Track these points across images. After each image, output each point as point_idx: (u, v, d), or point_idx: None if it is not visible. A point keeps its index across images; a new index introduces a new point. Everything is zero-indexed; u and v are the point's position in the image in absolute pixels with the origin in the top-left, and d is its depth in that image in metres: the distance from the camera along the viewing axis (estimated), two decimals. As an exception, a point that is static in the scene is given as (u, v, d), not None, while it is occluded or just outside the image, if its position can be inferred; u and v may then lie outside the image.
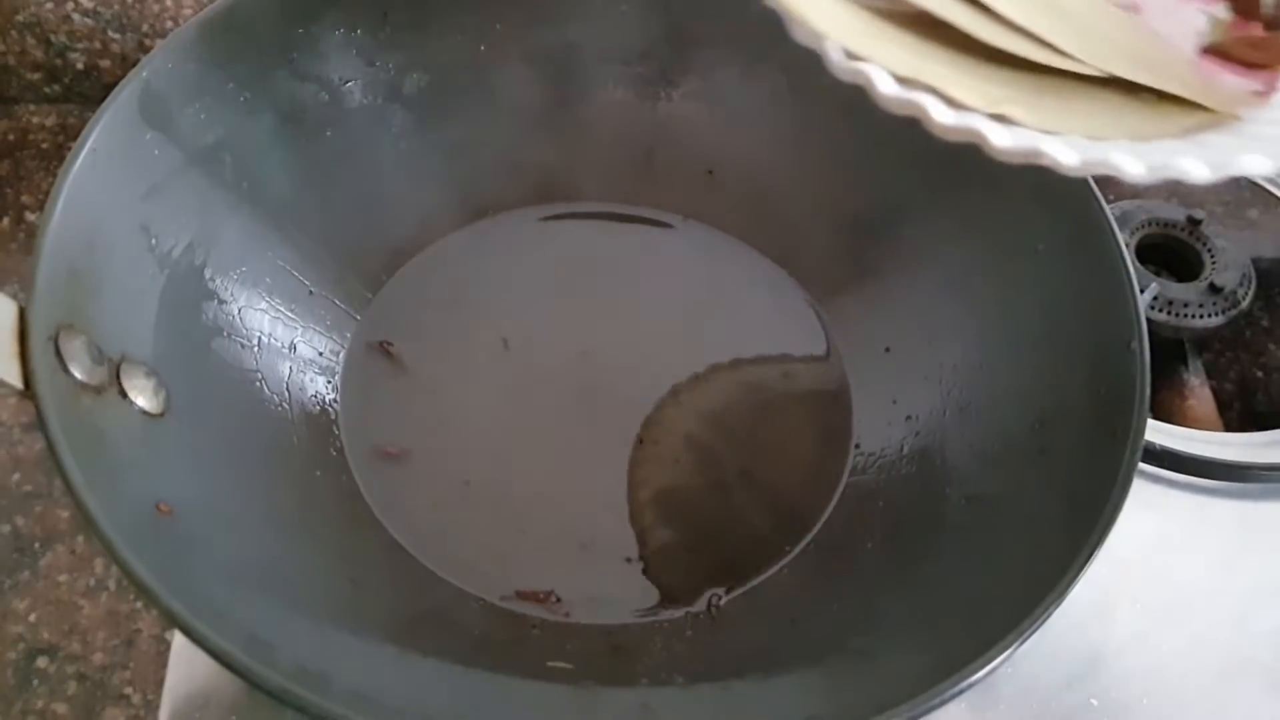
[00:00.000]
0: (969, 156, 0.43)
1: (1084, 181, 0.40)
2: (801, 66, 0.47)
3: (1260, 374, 0.57)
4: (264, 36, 0.43)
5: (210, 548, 0.34)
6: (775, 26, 0.47)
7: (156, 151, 0.39)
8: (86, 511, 0.30)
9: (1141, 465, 0.47)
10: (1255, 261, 0.57)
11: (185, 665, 0.41)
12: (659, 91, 0.50)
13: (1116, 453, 0.34)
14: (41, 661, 0.44)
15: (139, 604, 0.45)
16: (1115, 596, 0.45)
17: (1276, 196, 0.61)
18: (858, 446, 0.45)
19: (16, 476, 0.49)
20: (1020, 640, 0.30)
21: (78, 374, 0.33)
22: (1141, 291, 0.52)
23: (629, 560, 0.42)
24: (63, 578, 0.46)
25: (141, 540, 0.30)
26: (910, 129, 0.45)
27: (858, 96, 0.47)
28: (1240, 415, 0.56)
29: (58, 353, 0.32)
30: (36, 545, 0.47)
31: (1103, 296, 0.38)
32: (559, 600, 0.40)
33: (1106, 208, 0.39)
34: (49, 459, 0.48)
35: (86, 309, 0.35)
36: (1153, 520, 0.47)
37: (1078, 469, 0.36)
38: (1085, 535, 0.32)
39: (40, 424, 0.31)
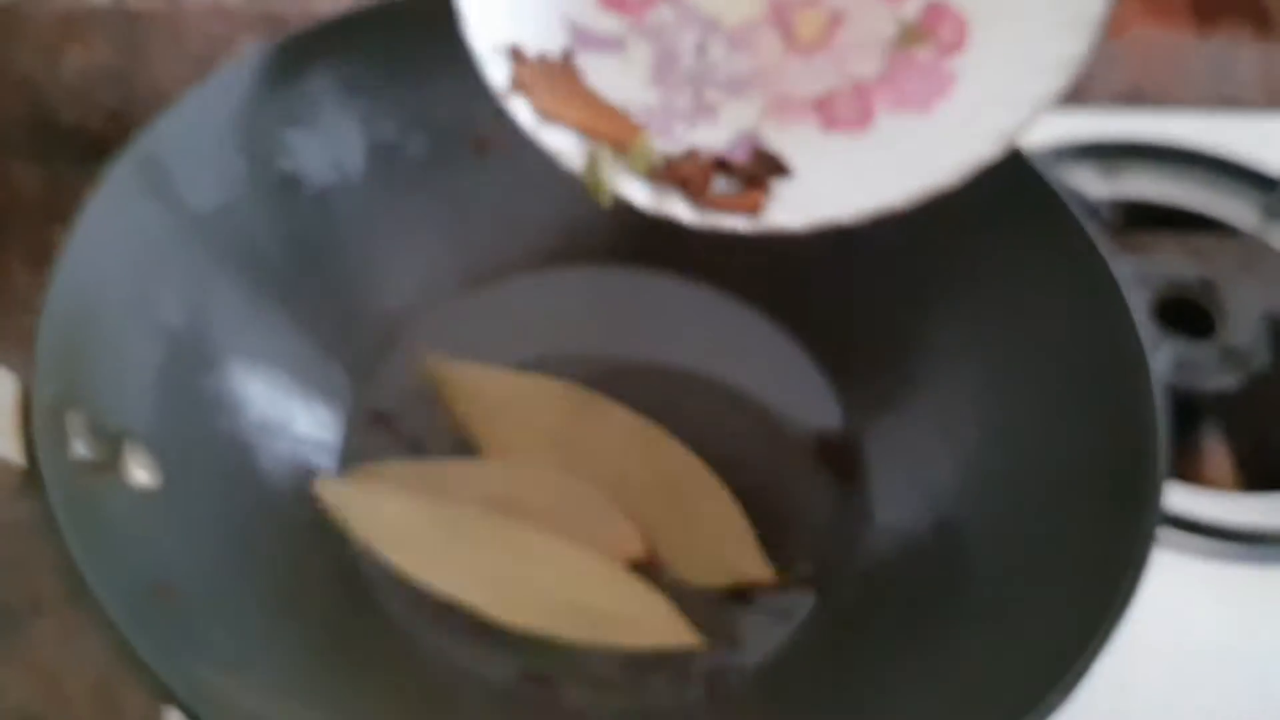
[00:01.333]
0: (980, 220, 0.44)
1: (1096, 248, 0.40)
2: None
3: (1278, 433, 0.57)
4: (264, 101, 0.42)
5: (209, 630, 0.34)
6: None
7: (157, 221, 0.39)
8: (91, 594, 0.30)
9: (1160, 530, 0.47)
10: (1268, 316, 0.57)
11: (176, 741, 0.40)
12: (665, 151, 0.49)
13: (1136, 523, 0.34)
14: (28, 733, 0.42)
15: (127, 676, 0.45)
16: (1133, 665, 0.44)
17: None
18: (870, 518, 0.44)
19: (2, 544, 0.47)
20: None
21: (79, 451, 0.33)
22: (1155, 353, 0.52)
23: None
24: (49, 649, 0.45)
25: (143, 623, 0.30)
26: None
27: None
28: (1257, 475, 0.56)
29: (60, 431, 0.32)
30: (23, 614, 0.45)
31: (1117, 362, 0.38)
32: (560, 684, 0.39)
33: (1123, 275, 0.39)
34: (36, 525, 0.47)
35: (87, 383, 0.34)
36: (1170, 586, 0.46)
37: (1097, 540, 0.35)
38: (1106, 609, 0.32)
39: (43, 504, 0.31)
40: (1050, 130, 0.62)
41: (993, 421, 0.42)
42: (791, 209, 0.36)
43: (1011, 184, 0.42)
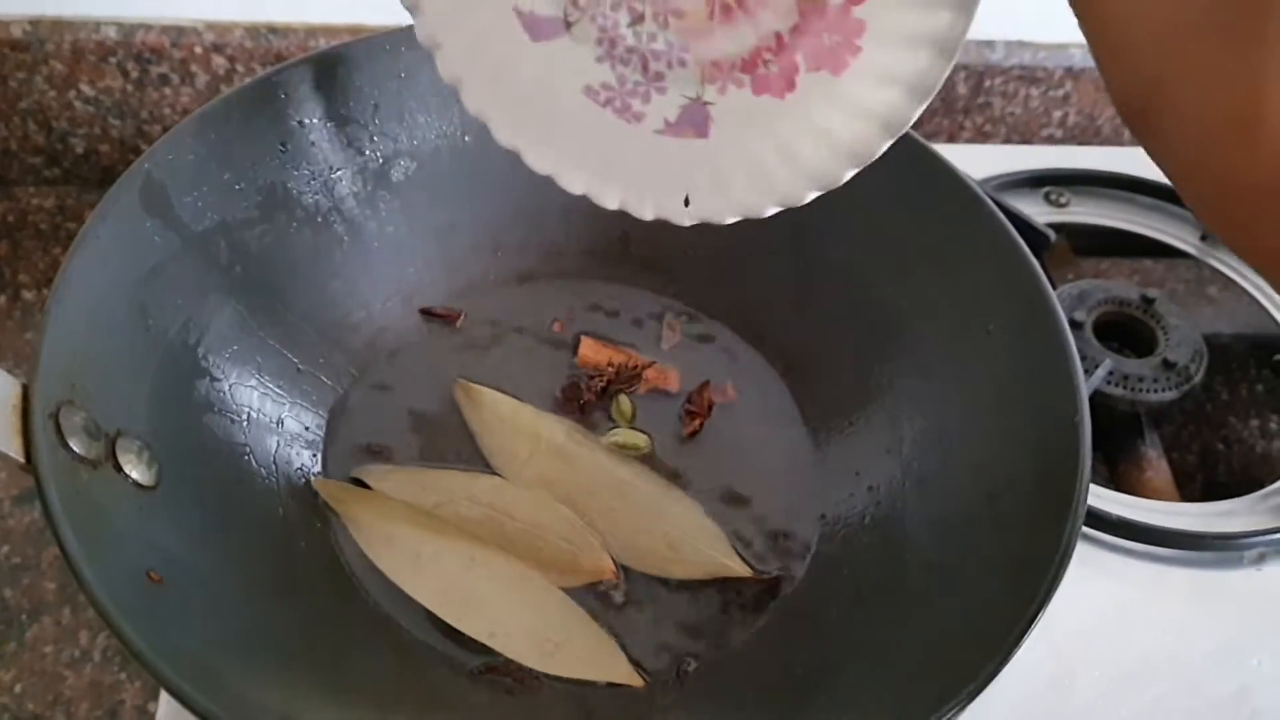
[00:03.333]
0: (927, 243, 0.46)
1: (1031, 265, 0.42)
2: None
3: (1222, 446, 0.59)
4: (259, 129, 0.45)
5: (199, 614, 0.36)
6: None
7: (156, 238, 0.41)
8: (81, 579, 0.31)
9: (1100, 535, 0.49)
10: (1213, 337, 0.59)
11: (167, 737, 0.42)
12: (635, 177, 0.52)
13: (1061, 520, 0.36)
14: (26, 732, 0.44)
15: (123, 675, 0.46)
16: (1075, 663, 0.46)
17: (1231, 278, 0.63)
18: (823, 517, 0.46)
19: (5, 549, 0.49)
20: (970, 697, 0.32)
21: (76, 449, 0.35)
22: (1096, 367, 0.54)
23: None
24: (48, 649, 0.47)
25: (133, 606, 0.32)
26: (872, 218, 0.48)
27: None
28: (1204, 487, 0.58)
29: (58, 429, 0.34)
30: (23, 617, 0.47)
31: (1049, 373, 0.40)
32: (532, 675, 0.41)
33: (1051, 291, 0.41)
34: (37, 532, 0.49)
35: (85, 386, 0.36)
36: (1111, 588, 0.49)
37: (1026, 536, 0.37)
38: (1030, 600, 0.34)
39: (40, 496, 0.33)
40: (1002, 162, 0.64)
41: (932, 430, 0.44)
42: (711, 206, 0.38)
43: (954, 207, 0.45)
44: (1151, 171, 0.64)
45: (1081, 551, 0.48)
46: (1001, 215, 0.44)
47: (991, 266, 0.43)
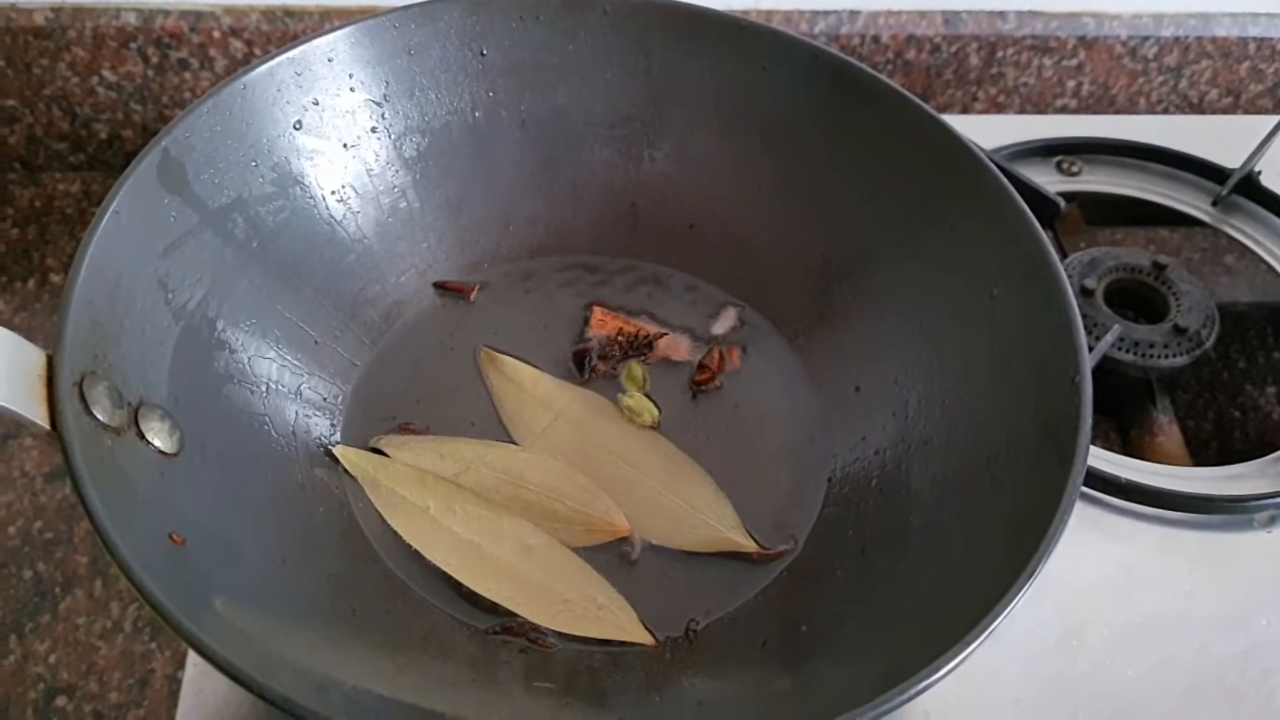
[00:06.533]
0: (930, 209, 0.47)
1: (1034, 228, 0.42)
2: (773, 126, 0.50)
3: (1238, 414, 0.59)
4: (274, 107, 0.46)
5: (220, 575, 0.37)
6: (747, 92, 0.50)
7: (174, 214, 0.42)
8: (105, 537, 0.32)
9: (1109, 499, 0.50)
10: (1230, 306, 0.59)
11: (195, 705, 0.43)
12: (641, 152, 0.52)
13: (1061, 478, 0.36)
14: (60, 700, 0.45)
15: (153, 645, 0.47)
16: (1084, 624, 0.47)
17: (1247, 246, 0.63)
18: (830, 481, 0.47)
19: (39, 524, 0.50)
20: (969, 648, 0.32)
21: (100, 416, 0.36)
22: (1106, 333, 0.54)
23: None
24: (81, 620, 0.48)
25: (156, 566, 0.33)
26: (876, 185, 0.49)
27: (827, 155, 0.50)
28: (1219, 454, 0.58)
29: (82, 397, 0.35)
30: (57, 590, 0.49)
31: (1050, 334, 0.40)
32: (546, 634, 0.42)
33: (1054, 252, 0.41)
34: (69, 508, 0.50)
35: (108, 357, 0.37)
36: (1121, 551, 0.49)
37: (1027, 494, 0.38)
38: (1029, 556, 0.34)
39: (65, 461, 0.34)
40: (1014, 132, 0.64)
41: (936, 393, 0.45)
42: None
43: (958, 173, 0.45)
44: (1165, 139, 0.64)
45: (1092, 515, 0.49)
46: (1005, 180, 0.44)
47: (995, 231, 0.44)
